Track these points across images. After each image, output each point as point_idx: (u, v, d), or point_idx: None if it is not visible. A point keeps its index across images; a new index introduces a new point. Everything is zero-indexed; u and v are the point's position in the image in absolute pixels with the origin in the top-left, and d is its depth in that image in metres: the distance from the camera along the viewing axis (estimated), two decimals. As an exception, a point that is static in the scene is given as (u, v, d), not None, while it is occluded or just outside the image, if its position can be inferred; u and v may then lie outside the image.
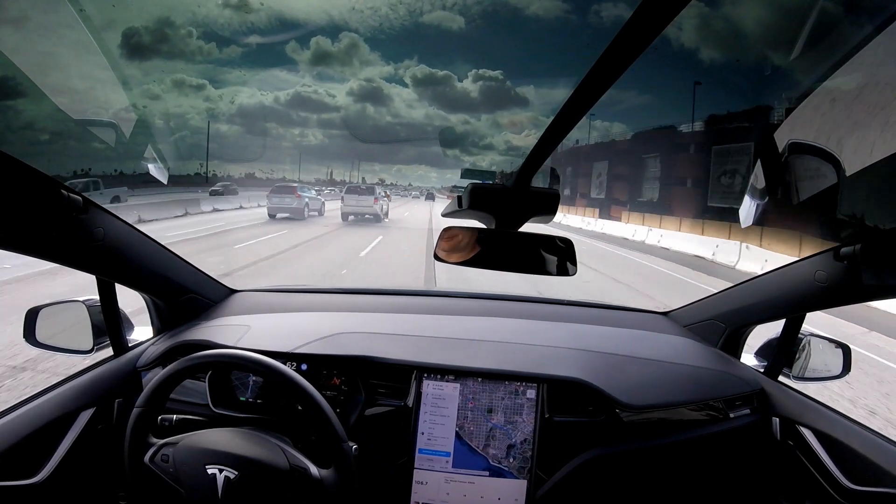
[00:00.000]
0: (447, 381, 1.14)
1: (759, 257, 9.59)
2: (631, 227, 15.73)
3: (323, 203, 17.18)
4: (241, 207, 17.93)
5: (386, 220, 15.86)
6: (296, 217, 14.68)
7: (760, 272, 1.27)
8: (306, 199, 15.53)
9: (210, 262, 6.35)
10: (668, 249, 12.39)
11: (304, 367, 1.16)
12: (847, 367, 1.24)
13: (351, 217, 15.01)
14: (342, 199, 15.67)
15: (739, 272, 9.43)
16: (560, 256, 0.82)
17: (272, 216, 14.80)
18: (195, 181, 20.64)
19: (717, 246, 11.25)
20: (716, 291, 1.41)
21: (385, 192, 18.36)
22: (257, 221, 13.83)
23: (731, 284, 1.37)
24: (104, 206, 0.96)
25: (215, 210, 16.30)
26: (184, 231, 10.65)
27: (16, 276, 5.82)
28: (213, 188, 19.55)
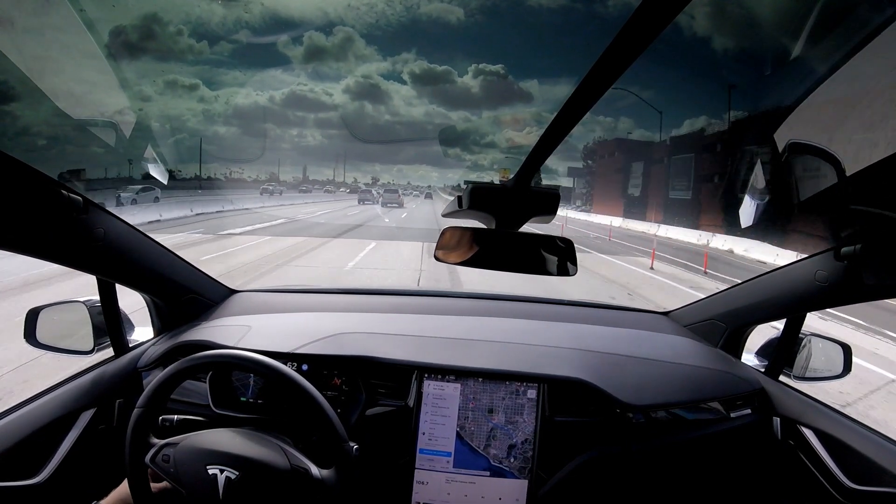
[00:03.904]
0: (448, 382, 1.14)
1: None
2: (695, 233, 15.92)
3: (378, 196, 30.67)
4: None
5: (405, 205, 27.91)
6: (370, 203, 28.01)
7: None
8: (375, 194, 30.80)
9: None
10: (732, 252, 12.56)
11: (304, 367, 1.16)
12: (848, 367, 1.24)
13: (385, 206, 26.15)
14: (381, 196, 28.97)
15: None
16: (560, 256, 0.82)
17: (359, 203, 28.22)
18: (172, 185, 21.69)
19: (777, 254, 11.37)
20: (716, 291, 1.41)
21: (402, 192, 33.58)
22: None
23: (732, 284, 1.37)
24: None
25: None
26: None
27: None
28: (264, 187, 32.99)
